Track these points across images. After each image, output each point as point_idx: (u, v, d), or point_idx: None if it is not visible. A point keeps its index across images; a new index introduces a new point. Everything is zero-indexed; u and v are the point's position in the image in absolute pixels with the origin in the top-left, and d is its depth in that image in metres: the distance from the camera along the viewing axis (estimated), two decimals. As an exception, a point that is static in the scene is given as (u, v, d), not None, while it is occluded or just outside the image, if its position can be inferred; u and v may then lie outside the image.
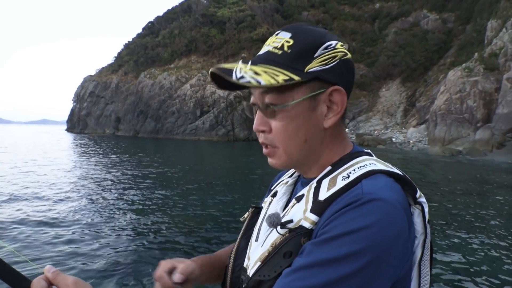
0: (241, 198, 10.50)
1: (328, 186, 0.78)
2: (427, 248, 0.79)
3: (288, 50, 0.80)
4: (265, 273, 0.79)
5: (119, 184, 12.48)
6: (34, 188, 11.13)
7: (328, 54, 0.81)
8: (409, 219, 0.74)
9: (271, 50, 0.82)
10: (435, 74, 49.55)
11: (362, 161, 0.82)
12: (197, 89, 56.39)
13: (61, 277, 0.74)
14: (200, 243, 6.51)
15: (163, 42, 73.03)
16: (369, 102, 54.68)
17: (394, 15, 66.11)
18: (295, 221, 0.79)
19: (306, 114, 0.82)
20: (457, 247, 6.56)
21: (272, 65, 0.79)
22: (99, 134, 66.06)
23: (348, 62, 0.85)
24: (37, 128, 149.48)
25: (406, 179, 0.79)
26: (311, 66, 0.80)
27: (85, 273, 5.09)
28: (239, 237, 1.01)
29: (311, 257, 0.68)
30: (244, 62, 0.82)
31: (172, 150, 31.27)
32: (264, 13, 71.85)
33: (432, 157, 27.70)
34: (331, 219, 0.70)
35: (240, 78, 0.77)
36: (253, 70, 0.78)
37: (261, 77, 0.77)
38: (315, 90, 0.81)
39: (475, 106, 32.49)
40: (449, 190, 12.85)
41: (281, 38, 0.83)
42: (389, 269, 0.68)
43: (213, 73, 0.82)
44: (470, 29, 50.14)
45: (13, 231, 6.88)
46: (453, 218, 8.72)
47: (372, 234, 0.65)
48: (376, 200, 0.68)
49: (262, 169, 17.11)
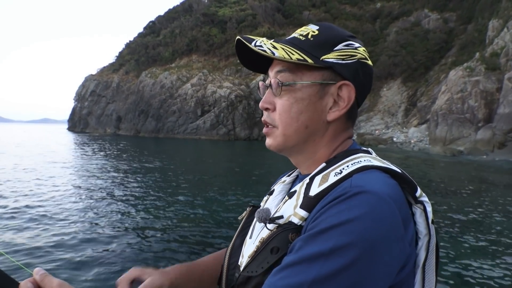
0: (241, 197, 10.49)
1: (320, 182, 0.77)
2: (432, 250, 0.77)
3: (311, 38, 0.83)
4: (253, 269, 0.78)
5: (120, 184, 12.48)
6: (33, 189, 11.13)
7: (348, 51, 0.83)
8: (405, 217, 0.70)
9: (297, 36, 0.86)
10: (436, 74, 49.45)
11: (357, 158, 0.80)
12: (198, 88, 56.42)
13: (48, 279, 0.74)
14: (199, 242, 6.50)
15: (164, 42, 73.11)
16: (370, 102, 54.60)
17: (395, 14, 66.05)
18: (285, 217, 0.78)
19: (312, 100, 0.83)
20: (459, 248, 6.53)
21: (292, 47, 0.82)
22: (100, 133, 66.13)
23: (367, 66, 0.86)
24: (38, 127, 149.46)
25: (404, 177, 0.76)
26: (328, 57, 0.82)
27: (82, 275, 5.07)
28: (235, 236, 1.01)
29: (299, 253, 0.66)
30: (268, 39, 0.85)
31: (173, 149, 31.28)
32: (265, 13, 71.81)
33: (433, 157, 27.67)
34: (319, 213, 0.69)
35: (258, 46, 0.81)
36: (272, 45, 0.82)
37: (277, 51, 0.80)
38: (326, 79, 0.82)
39: (476, 106, 32.43)
40: (450, 190, 12.83)
41: (308, 29, 0.86)
42: (380, 266, 0.64)
43: (239, 40, 0.85)
44: (472, 29, 50.06)
45: (11, 232, 6.87)
46: (455, 218, 8.70)
47: (359, 228, 0.63)
48: (364, 192, 0.66)
49: (262, 168, 17.10)
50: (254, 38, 0.85)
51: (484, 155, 28.12)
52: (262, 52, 0.80)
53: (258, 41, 0.83)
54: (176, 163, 19.66)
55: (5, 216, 7.84)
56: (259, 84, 0.93)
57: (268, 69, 0.90)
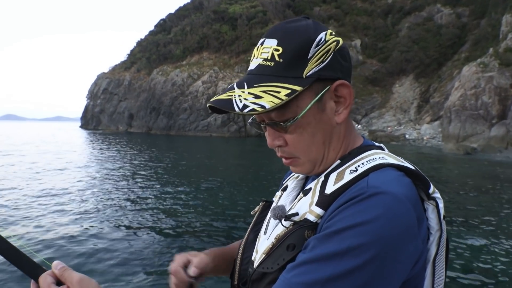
0: (253, 192, 10.57)
1: (336, 180, 0.77)
2: (442, 246, 0.77)
3: (280, 59, 0.76)
4: (268, 265, 0.79)
5: (133, 180, 12.64)
6: (50, 184, 11.35)
7: (321, 50, 0.78)
8: (419, 215, 0.71)
9: (262, 63, 0.79)
10: (449, 70, 48.93)
11: (372, 155, 0.80)
12: (209, 85, 56.62)
13: (68, 273, 0.74)
14: (212, 236, 6.59)
15: (175, 39, 73.43)
16: (382, 98, 54.26)
17: (407, 9, 65.44)
18: (300, 214, 0.78)
19: (316, 118, 0.80)
20: (471, 245, 6.53)
21: (269, 82, 0.76)
22: (112, 131, 66.75)
23: (342, 50, 0.81)
24: (51, 125, 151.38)
25: (417, 173, 0.76)
26: (308, 69, 0.76)
27: (99, 268, 5.18)
28: (248, 231, 1.02)
29: (314, 252, 0.67)
30: (240, 88, 0.78)
31: (184, 146, 31.49)
32: (276, 9, 71.68)
33: (446, 154, 27.45)
34: (335, 213, 0.69)
35: (242, 108, 0.73)
36: (253, 94, 0.75)
37: (263, 100, 0.73)
38: (319, 92, 0.78)
39: (490, 102, 32.02)
40: (463, 187, 12.76)
41: (268, 48, 0.79)
42: (396, 265, 0.65)
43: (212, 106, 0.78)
44: (485, 24, 49.36)
45: (27, 224, 7.01)
46: (468, 216, 8.67)
47: (375, 229, 0.64)
48: (381, 193, 0.67)
49: (273, 164, 17.17)
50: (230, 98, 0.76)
51: (498, 152, 27.78)
52: (253, 112, 0.73)
53: (238, 101, 0.74)
54: (188, 160, 19.83)
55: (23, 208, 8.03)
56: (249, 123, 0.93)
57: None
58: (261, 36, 0.83)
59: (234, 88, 0.78)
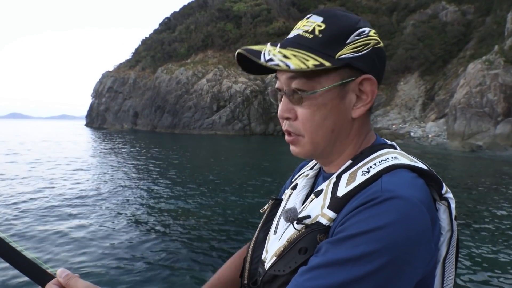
0: (258, 190, 10.66)
1: (347, 182, 0.76)
2: (453, 246, 0.77)
3: (320, 34, 0.77)
4: (280, 268, 0.78)
5: (139, 179, 12.78)
6: (54, 184, 11.49)
7: (361, 41, 0.78)
8: (433, 218, 0.71)
9: (302, 34, 0.79)
10: (455, 67, 48.68)
11: (384, 155, 0.79)
12: (214, 84, 56.66)
13: (73, 281, 0.73)
14: (217, 237, 6.69)
15: (179, 38, 73.47)
16: (387, 96, 54.10)
17: (412, 7, 65.06)
18: (312, 217, 0.77)
19: (334, 102, 0.79)
20: (478, 245, 6.58)
21: (302, 49, 0.76)
22: (118, 129, 67.00)
23: (381, 51, 0.82)
24: (56, 123, 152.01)
25: (431, 174, 0.76)
26: (343, 53, 0.76)
27: (104, 272, 5.20)
28: (258, 229, 1.03)
29: (326, 256, 0.66)
30: (272, 45, 0.78)
31: (189, 144, 31.60)
32: (280, 7, 71.52)
33: (451, 152, 27.40)
34: (348, 217, 0.68)
35: (268, 60, 0.74)
36: (282, 53, 0.75)
37: (290, 60, 0.74)
38: (345, 78, 0.78)
39: (495, 100, 31.92)
40: (469, 185, 12.80)
41: (312, 22, 0.79)
42: (410, 270, 0.65)
43: (240, 54, 0.79)
44: (490, 21, 49.07)
45: (29, 229, 6.96)
46: (475, 214, 8.73)
47: (389, 235, 0.63)
48: (395, 198, 0.66)
49: (279, 162, 17.25)
50: (259, 50, 0.77)
51: (503, 150, 27.71)
52: (276, 67, 0.74)
53: (267, 54, 0.76)
54: (193, 158, 19.95)
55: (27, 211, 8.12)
56: (269, 90, 0.97)
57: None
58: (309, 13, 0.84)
59: (267, 45, 0.79)
